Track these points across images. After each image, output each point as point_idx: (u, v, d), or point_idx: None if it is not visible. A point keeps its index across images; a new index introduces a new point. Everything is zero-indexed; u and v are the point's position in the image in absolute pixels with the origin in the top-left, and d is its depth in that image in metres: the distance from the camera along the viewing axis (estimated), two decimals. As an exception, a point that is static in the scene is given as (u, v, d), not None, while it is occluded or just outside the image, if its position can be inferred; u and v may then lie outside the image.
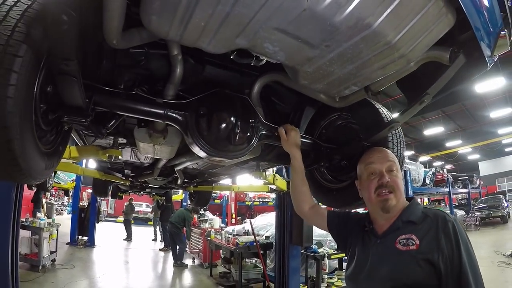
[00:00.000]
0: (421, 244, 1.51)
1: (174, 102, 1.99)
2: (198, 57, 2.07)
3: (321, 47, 1.48)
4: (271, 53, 1.59)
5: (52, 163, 1.79)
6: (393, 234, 1.63)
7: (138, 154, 3.93)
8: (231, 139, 2.08)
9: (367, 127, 2.38)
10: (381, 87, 1.98)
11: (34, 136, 1.46)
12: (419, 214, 1.63)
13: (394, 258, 1.56)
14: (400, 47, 1.45)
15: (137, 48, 1.88)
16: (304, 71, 1.75)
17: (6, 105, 1.17)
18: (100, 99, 1.81)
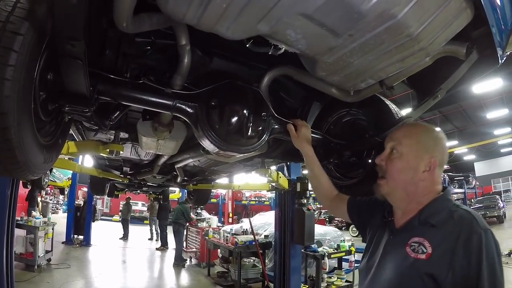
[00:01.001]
0: (432, 254, 1.28)
1: (184, 93, 1.88)
2: (206, 48, 1.98)
3: (345, 36, 1.41)
4: (293, 41, 1.49)
5: (51, 157, 1.69)
6: (406, 233, 1.41)
7: (138, 150, 3.83)
8: (243, 133, 1.97)
9: (378, 123, 2.32)
10: (396, 81, 1.90)
11: (32, 125, 1.35)
12: (443, 215, 1.35)
13: (399, 263, 1.36)
14: (421, 40, 1.40)
15: (143, 37, 1.79)
16: (323, 62, 1.65)
17: (3, 88, 1.07)
18: (104, 87, 1.70)
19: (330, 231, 10.85)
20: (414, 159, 1.45)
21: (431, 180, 1.44)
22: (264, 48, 1.62)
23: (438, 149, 1.47)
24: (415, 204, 1.44)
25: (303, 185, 6.36)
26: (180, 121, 2.45)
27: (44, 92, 1.46)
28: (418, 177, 1.43)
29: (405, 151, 1.47)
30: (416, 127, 1.59)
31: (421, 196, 1.43)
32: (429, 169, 1.42)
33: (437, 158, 1.43)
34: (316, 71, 1.77)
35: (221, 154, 2.15)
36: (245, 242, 8.46)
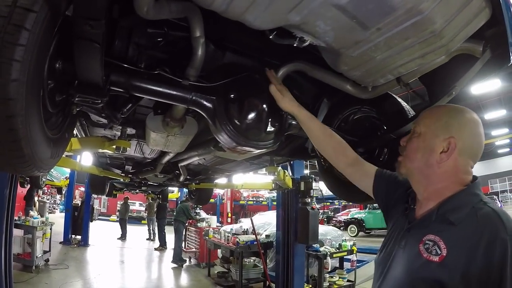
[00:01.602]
0: (446, 258, 1.14)
1: (202, 85, 1.79)
2: (219, 42, 1.90)
3: (372, 30, 1.37)
4: (321, 32, 1.42)
5: (57, 152, 1.60)
6: (423, 228, 1.28)
7: (143, 147, 3.73)
8: (262, 128, 1.90)
9: (391, 120, 2.30)
10: (412, 78, 1.85)
11: (41, 115, 1.26)
12: (465, 211, 1.19)
13: (411, 261, 1.24)
14: (443, 36, 1.38)
15: (155, 28, 1.71)
16: (347, 56, 1.59)
17: (11, 69, 0.97)
18: (118, 77, 1.60)
19: (330, 231, 10.84)
20: (431, 138, 1.34)
21: (452, 166, 1.29)
22: (289, 40, 1.54)
23: (463, 131, 1.31)
24: (435, 194, 1.31)
25: (307, 184, 6.33)
26: (191, 116, 2.37)
27: (52, 80, 1.37)
28: (434, 158, 1.31)
29: (423, 130, 1.38)
30: (441, 107, 1.49)
31: (440, 183, 1.30)
32: (447, 150, 1.28)
33: (458, 140, 1.28)
34: (338, 65, 1.71)
35: (237, 150, 2.07)
36: (246, 242, 8.39)
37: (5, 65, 0.96)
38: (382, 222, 20.42)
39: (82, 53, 1.30)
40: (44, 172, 1.53)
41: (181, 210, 12.27)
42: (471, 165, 1.32)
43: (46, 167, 1.44)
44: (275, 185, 6.14)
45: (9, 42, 0.96)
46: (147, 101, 2.32)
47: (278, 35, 1.54)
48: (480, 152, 1.34)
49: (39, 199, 16.80)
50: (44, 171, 1.49)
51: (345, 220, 23.08)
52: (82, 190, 20.50)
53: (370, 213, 21.84)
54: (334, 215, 27.74)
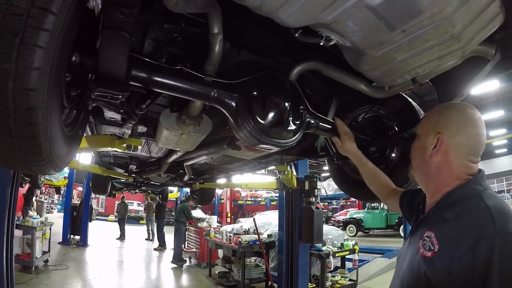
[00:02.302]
0: (437, 253, 1.16)
1: (225, 82, 1.76)
2: (235, 40, 1.87)
3: (398, 31, 1.40)
4: (349, 32, 1.42)
5: (72, 150, 1.55)
6: (424, 225, 1.32)
7: (151, 146, 3.68)
8: (284, 126, 1.88)
9: (402, 119, 2.35)
10: (426, 78, 1.89)
11: (61, 110, 1.20)
12: (460, 208, 1.21)
13: (412, 258, 1.28)
14: (461, 39, 1.44)
15: (172, 24, 1.68)
16: (370, 56, 1.60)
17: (33, 56, 0.90)
18: (139, 72, 1.55)
19: (331, 231, 10.85)
20: (425, 137, 1.42)
21: (444, 161, 1.33)
22: (314, 39, 1.52)
23: (450, 126, 1.35)
24: (436, 191, 1.35)
25: (311, 183, 6.29)
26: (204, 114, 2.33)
27: (69, 73, 1.31)
28: (427, 155, 1.38)
29: (420, 131, 1.48)
30: (437, 107, 1.52)
31: (436, 178, 1.35)
32: (435, 146, 1.35)
33: (446, 135, 1.34)
34: (360, 65, 1.72)
35: (256, 148, 2.05)
36: (249, 241, 8.35)
37: (27, 52, 0.89)
38: (380, 222, 20.62)
39: (109, 43, 1.25)
40: (58, 171, 1.46)
41: (181, 211, 12.25)
42: (470, 159, 1.33)
43: (61, 165, 1.38)
44: (279, 184, 6.10)
45: (32, 26, 0.88)
46: (160, 98, 2.27)
47: (304, 33, 1.52)
48: (477, 145, 1.34)
49: (37, 199, 16.69)
50: (59, 170, 1.42)
51: (344, 220, 23.09)
52: (79, 190, 20.41)
53: (369, 213, 21.87)
54: (333, 215, 27.75)
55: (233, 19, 1.66)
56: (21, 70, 0.90)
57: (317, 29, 1.45)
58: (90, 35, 1.42)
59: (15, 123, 0.97)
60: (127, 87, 1.49)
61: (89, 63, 1.39)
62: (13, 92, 0.91)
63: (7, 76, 0.89)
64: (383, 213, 20.94)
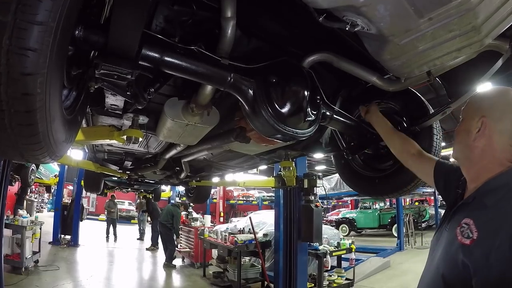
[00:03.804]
0: (476, 242, 1.12)
1: (242, 66, 1.66)
2: (246, 28, 1.79)
3: (425, 19, 1.39)
4: (378, 17, 1.39)
5: (70, 137, 1.41)
6: (462, 212, 1.28)
7: (150, 140, 3.53)
8: (302, 116, 1.81)
9: (412, 114, 2.35)
10: (441, 71, 1.91)
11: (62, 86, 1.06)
12: (501, 194, 1.18)
13: (448, 245, 1.25)
14: (482, 31, 1.43)
15: (182, 6, 1.57)
16: (394, 44, 1.58)
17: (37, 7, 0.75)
18: (150, 51, 1.42)
19: (326, 230, 10.83)
20: (468, 121, 1.40)
21: (487, 144, 1.31)
22: (339, 24, 1.44)
23: (495, 109, 1.33)
24: (477, 176, 1.32)
25: (310, 181, 6.23)
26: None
27: (72, 47, 1.17)
28: (471, 139, 1.35)
29: (463, 116, 1.46)
30: (482, 92, 1.54)
31: (478, 163, 1.32)
32: (479, 130, 1.32)
33: (490, 119, 1.31)
34: (382, 53, 1.68)
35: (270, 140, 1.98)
36: (244, 241, 8.23)
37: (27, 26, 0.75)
38: (373, 221, 20.66)
39: (126, 7, 1.11)
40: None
41: (169, 214, 11.56)
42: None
43: (59, 153, 1.24)
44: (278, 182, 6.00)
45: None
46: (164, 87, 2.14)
47: (328, 18, 1.44)
48: None
49: (27, 198, 16.40)
50: (55, 159, 1.27)
51: (336, 219, 23.10)
52: (70, 189, 20.15)
53: (362, 212, 21.94)
54: (325, 215, 27.75)
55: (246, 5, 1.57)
56: (20, 24, 0.75)
57: (343, 13, 1.39)
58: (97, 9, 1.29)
59: (6, 92, 0.81)
60: (137, 65, 1.36)
61: (94, 38, 1.27)
62: (7, 52, 0.75)
63: (1, 32, 0.74)
64: (375, 212, 21.04)
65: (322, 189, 6.51)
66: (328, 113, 2.12)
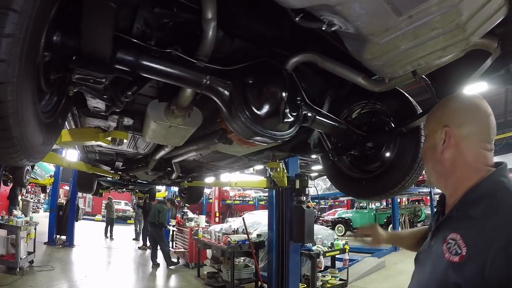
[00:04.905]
0: (466, 258, 1.03)
1: (218, 68, 1.67)
2: (228, 29, 1.79)
3: (404, 17, 1.35)
4: (354, 16, 1.35)
5: (50, 139, 1.44)
6: (447, 227, 1.19)
7: (138, 141, 3.55)
8: (280, 117, 1.80)
9: (399, 115, 2.32)
10: (427, 71, 1.86)
11: (35, 92, 1.08)
12: (486, 202, 1.09)
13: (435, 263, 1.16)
14: (466, 29, 1.39)
15: (163, 8, 1.58)
16: (374, 44, 1.54)
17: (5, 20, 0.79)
18: (125, 55, 1.45)
19: (321, 230, 10.82)
20: (432, 135, 1.34)
21: (457, 153, 1.24)
22: (316, 24, 1.42)
23: (456, 116, 1.28)
24: (455, 189, 1.23)
25: (302, 182, 6.23)
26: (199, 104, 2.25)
27: (48, 53, 1.19)
28: (438, 153, 1.29)
29: (426, 132, 1.41)
30: (439, 103, 1.46)
31: (453, 174, 1.25)
32: (444, 141, 1.26)
33: (453, 126, 1.25)
34: (362, 54, 1.65)
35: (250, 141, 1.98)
36: (238, 241, 8.23)
37: None
38: (369, 221, 20.66)
39: (94, 15, 1.14)
40: (34, 162, 1.33)
41: (156, 212, 11.34)
42: (484, 147, 1.23)
43: (37, 156, 1.27)
44: (270, 183, 6.01)
45: None
46: (148, 89, 2.17)
47: (305, 17, 1.43)
48: (488, 129, 1.25)
49: (23, 198, 16.39)
50: (34, 161, 1.31)
51: (333, 219, 23.10)
52: (66, 189, 20.12)
53: (358, 212, 21.93)
54: (321, 215, 27.76)
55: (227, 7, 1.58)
56: None
57: (319, 12, 1.37)
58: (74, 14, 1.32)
59: None
60: (111, 69, 1.39)
61: (71, 43, 1.30)
62: None
63: None
64: (371, 212, 21.04)
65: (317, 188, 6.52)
66: (310, 114, 2.10)
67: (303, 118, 2.02)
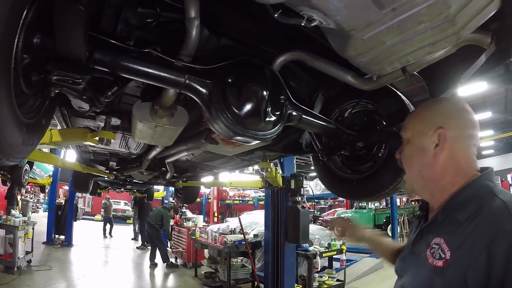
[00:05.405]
0: (449, 262, 1.02)
1: (197, 67, 1.66)
2: (213, 27, 1.78)
3: (388, 10, 1.27)
4: (333, 10, 1.29)
5: (31, 139, 1.44)
6: (431, 232, 1.17)
7: (129, 141, 3.56)
8: (261, 116, 1.77)
9: (391, 114, 2.27)
10: (418, 68, 1.77)
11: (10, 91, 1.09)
12: (472, 206, 1.06)
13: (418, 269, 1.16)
14: (456, 22, 1.31)
15: (146, 8, 1.58)
16: (357, 39, 1.47)
17: None
18: (103, 55, 1.45)
19: (318, 230, 10.77)
20: (420, 138, 1.26)
21: (450, 156, 1.19)
22: (295, 19, 1.38)
23: (449, 117, 1.23)
24: (442, 193, 1.19)
25: (297, 182, 6.22)
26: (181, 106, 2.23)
27: (28, 55, 1.20)
28: (429, 156, 1.22)
29: (410, 135, 1.31)
30: (421, 106, 1.38)
31: (443, 179, 1.19)
32: (438, 143, 1.20)
33: (448, 128, 1.20)
34: (346, 50, 1.59)
35: (233, 141, 1.96)
36: (234, 241, 8.21)
37: None
38: (368, 221, 20.68)
39: (64, 17, 1.15)
40: (15, 162, 1.34)
41: (159, 216, 11.61)
42: (473, 151, 1.22)
43: (16, 156, 1.28)
44: (265, 183, 6.01)
45: None
46: (134, 89, 2.18)
47: (284, 13, 1.39)
48: (476, 133, 1.24)
49: (22, 198, 16.41)
50: (14, 161, 1.31)
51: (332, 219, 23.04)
52: (66, 189, 20.19)
53: (357, 212, 21.91)
54: (321, 215, 27.76)
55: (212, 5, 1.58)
56: None
57: (298, 8, 1.32)
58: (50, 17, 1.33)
59: None
60: (87, 70, 1.39)
61: (49, 45, 1.30)
62: None
63: None
64: (370, 212, 21.00)
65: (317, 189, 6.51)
66: (295, 113, 2.06)
67: (287, 117, 1.99)
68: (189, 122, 2.41)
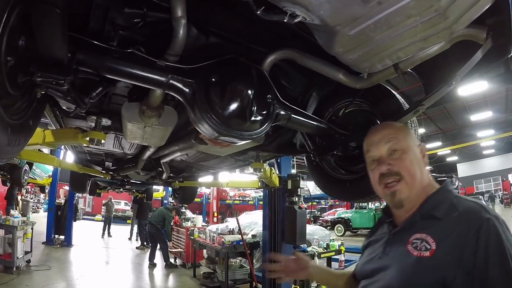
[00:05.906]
0: (437, 251, 1.14)
1: (180, 66, 1.65)
2: (202, 26, 1.78)
3: (373, 4, 1.23)
4: (315, 4, 1.25)
5: (17, 140, 1.45)
6: (407, 231, 1.28)
7: (122, 142, 3.57)
8: (246, 116, 1.76)
9: (385, 113, 2.23)
10: (411, 65, 1.74)
11: None
12: (445, 206, 1.24)
13: (401, 263, 1.23)
14: (448, 16, 1.28)
15: (133, 8, 1.59)
16: (343, 35, 1.43)
17: None
18: (86, 56, 1.46)
19: (318, 231, 10.79)
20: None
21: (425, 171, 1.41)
22: (278, 16, 1.35)
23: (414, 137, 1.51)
24: (417, 199, 1.34)
25: (294, 182, 6.19)
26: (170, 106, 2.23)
27: (12, 57, 1.22)
28: (423, 165, 1.40)
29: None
30: (386, 125, 1.55)
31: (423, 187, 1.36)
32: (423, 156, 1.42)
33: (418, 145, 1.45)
34: (333, 47, 1.56)
35: (219, 141, 1.95)
36: (232, 242, 8.22)
37: None
38: (368, 221, 20.62)
39: (41, 21, 1.16)
40: (1, 162, 1.36)
41: (161, 216, 11.79)
42: None
43: (2, 156, 1.30)
44: (261, 183, 6.00)
45: None
46: (124, 89, 2.18)
47: (267, 10, 1.36)
48: None
49: (23, 198, 16.44)
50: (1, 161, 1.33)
51: (332, 219, 23.10)
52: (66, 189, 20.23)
53: (357, 212, 21.92)
54: (321, 215, 27.77)
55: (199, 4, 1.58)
56: None
57: (281, 3, 1.29)
58: None
59: None
60: (69, 71, 1.40)
61: (33, 46, 1.31)
62: None
63: None
64: (371, 212, 20.98)
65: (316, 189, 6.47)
66: (284, 112, 2.02)
67: (275, 117, 1.97)
68: (181, 122, 2.40)
